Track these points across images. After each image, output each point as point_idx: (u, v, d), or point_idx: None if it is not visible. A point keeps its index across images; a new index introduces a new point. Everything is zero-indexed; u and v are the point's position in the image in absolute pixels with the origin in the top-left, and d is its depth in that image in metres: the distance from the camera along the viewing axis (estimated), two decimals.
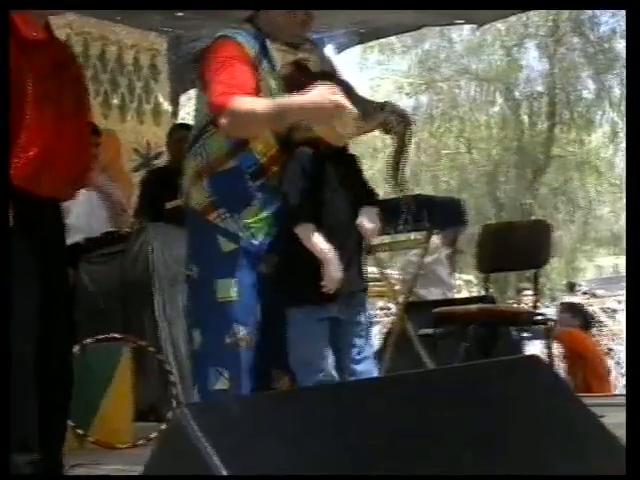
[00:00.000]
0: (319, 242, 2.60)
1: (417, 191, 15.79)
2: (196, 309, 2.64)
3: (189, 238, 2.67)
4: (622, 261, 16.88)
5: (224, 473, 1.17)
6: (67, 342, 2.64)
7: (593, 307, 10.63)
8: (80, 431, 3.78)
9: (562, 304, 8.52)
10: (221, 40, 2.56)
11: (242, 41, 2.56)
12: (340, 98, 2.40)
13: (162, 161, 6.08)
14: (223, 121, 2.43)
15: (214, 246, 2.56)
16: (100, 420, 3.83)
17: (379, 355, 4.64)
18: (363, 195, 2.78)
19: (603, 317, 10.65)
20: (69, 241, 4.95)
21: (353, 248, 2.75)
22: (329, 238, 2.66)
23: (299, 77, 2.62)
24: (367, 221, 2.69)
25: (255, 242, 2.60)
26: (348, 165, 2.80)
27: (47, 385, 2.41)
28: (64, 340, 2.58)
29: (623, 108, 15.37)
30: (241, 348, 2.54)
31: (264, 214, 2.62)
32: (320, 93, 2.40)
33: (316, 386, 2.36)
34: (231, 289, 2.53)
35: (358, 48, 12.87)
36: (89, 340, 3.94)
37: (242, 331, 2.54)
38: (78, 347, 3.94)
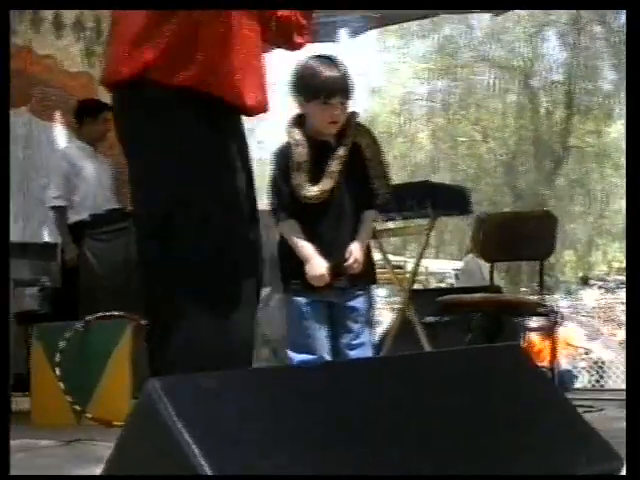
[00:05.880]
0: (299, 243, 2.67)
1: (434, 179, 15.79)
2: None
3: None
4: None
5: (193, 448, 1.17)
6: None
7: (608, 301, 10.52)
8: (78, 407, 3.80)
9: None
10: None
11: None
12: None
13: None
14: None
15: None
16: (99, 397, 3.84)
17: (381, 342, 4.64)
18: (364, 191, 2.78)
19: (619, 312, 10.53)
20: (75, 218, 5.02)
21: (351, 236, 2.75)
22: (326, 227, 2.69)
23: None
24: (357, 251, 2.71)
25: None
26: (353, 157, 2.79)
27: None
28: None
29: None
30: None
31: None
32: None
33: (290, 365, 2.38)
34: None
35: (376, 32, 12.79)
36: (91, 317, 3.96)
37: None
38: (80, 323, 3.98)
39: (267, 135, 17.28)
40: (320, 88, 2.64)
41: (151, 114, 2.05)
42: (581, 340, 8.53)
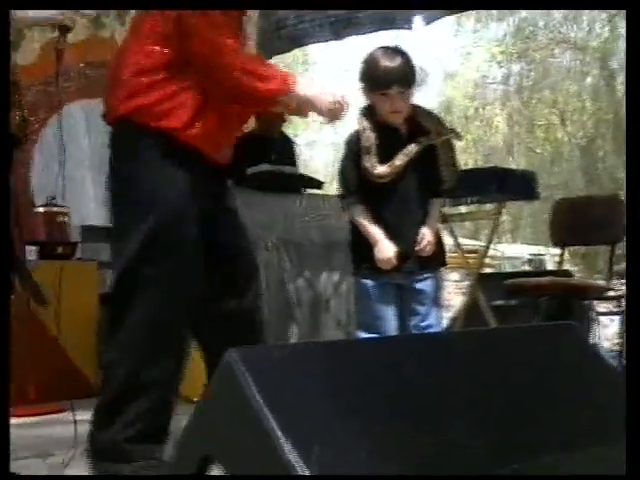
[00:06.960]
0: (367, 226, 2.78)
1: (510, 163, 15.55)
2: None
3: None
4: None
5: (271, 419, 1.27)
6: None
7: None
8: None
9: None
10: None
11: None
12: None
13: (247, 126, 6.19)
14: None
15: None
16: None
17: (450, 324, 4.72)
18: (432, 177, 2.87)
19: None
20: None
21: (420, 220, 2.85)
22: (393, 212, 2.79)
23: None
24: (428, 235, 2.80)
25: None
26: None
27: None
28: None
29: None
30: None
31: None
32: None
33: (366, 339, 2.49)
34: None
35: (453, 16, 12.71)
36: None
37: None
38: None
39: (342, 121, 17.29)
40: (377, 79, 2.74)
41: (133, 156, 2.21)
42: None
